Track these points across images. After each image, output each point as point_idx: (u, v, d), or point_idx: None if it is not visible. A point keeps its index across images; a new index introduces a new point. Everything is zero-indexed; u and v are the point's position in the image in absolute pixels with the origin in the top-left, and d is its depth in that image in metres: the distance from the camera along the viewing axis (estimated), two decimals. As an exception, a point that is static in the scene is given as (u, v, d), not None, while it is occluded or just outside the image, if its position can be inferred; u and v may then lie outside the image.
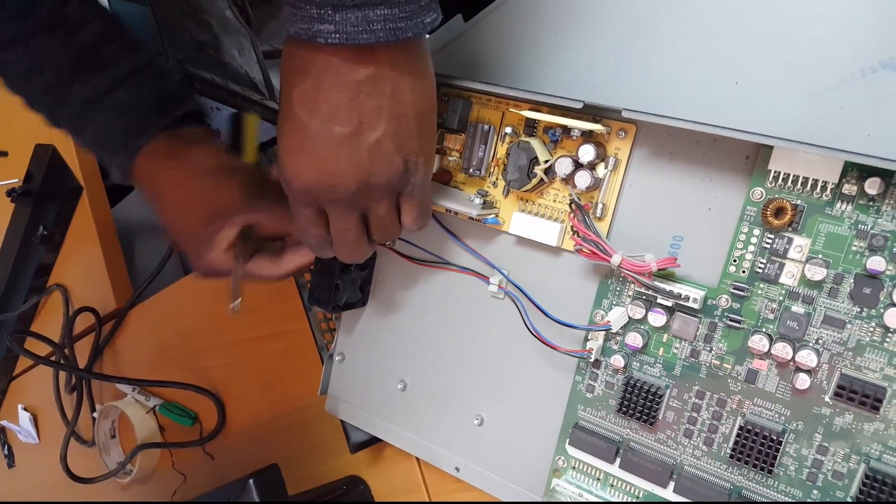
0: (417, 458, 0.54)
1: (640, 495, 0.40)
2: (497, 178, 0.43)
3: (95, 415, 0.78)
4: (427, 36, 0.36)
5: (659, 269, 0.37)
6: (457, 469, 0.48)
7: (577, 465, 0.43)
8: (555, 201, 0.42)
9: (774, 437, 0.36)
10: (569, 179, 0.40)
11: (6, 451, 0.94)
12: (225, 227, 0.44)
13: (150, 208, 0.47)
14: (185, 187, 0.44)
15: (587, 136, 0.40)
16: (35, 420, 0.90)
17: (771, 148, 0.35)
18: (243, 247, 0.45)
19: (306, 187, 0.36)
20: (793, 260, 0.35)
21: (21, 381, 0.92)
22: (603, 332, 0.41)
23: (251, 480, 0.50)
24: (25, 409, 0.91)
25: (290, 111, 0.35)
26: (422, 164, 0.37)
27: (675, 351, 0.39)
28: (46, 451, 0.89)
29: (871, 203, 0.33)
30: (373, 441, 0.55)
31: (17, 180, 0.88)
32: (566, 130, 0.40)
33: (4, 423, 0.93)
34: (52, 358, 0.79)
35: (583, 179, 0.39)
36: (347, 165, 0.35)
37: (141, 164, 0.45)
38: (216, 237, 0.44)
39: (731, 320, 0.37)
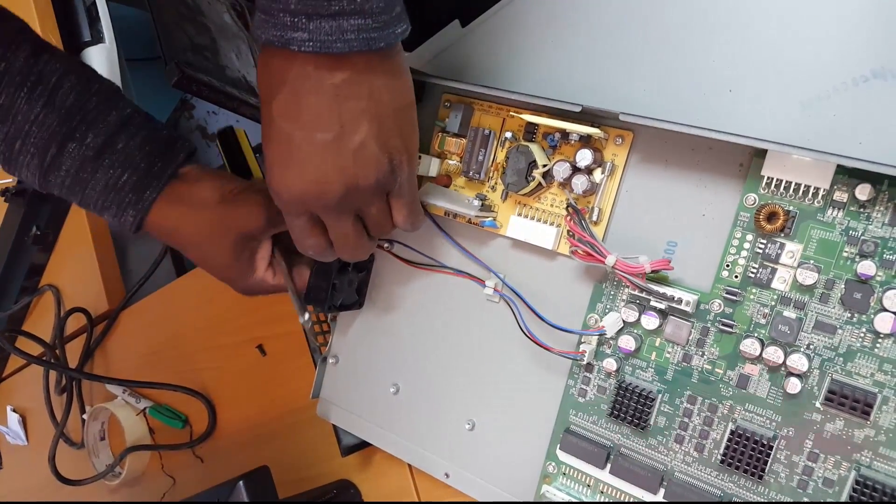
0: (408, 463, 0.54)
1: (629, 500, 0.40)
2: (496, 183, 0.43)
3: (85, 416, 0.78)
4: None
5: (653, 271, 0.37)
6: (447, 475, 0.48)
7: (567, 472, 0.42)
8: (552, 206, 0.42)
9: (765, 443, 0.36)
10: (566, 183, 0.40)
11: (-7, 453, 0.93)
12: (256, 248, 0.45)
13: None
14: (203, 225, 0.44)
15: (585, 141, 0.40)
16: (24, 421, 0.89)
17: (764, 155, 0.35)
18: (282, 258, 0.46)
19: (296, 197, 0.36)
20: (785, 265, 0.36)
21: (10, 382, 0.91)
22: (596, 336, 0.41)
23: (241, 482, 0.50)
24: (14, 410, 0.90)
25: (272, 122, 0.35)
26: (406, 162, 0.37)
27: (668, 355, 0.39)
28: (35, 452, 0.88)
29: (861, 209, 0.34)
30: (364, 445, 0.55)
31: (10, 180, 0.88)
32: (565, 135, 0.40)
33: (-8, 424, 0.92)
34: (43, 358, 0.78)
35: (580, 184, 0.40)
36: (334, 171, 0.35)
37: (154, 215, 0.44)
38: (252, 261, 0.45)
39: (724, 324, 0.37)
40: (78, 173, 0.43)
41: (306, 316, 0.48)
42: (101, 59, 0.84)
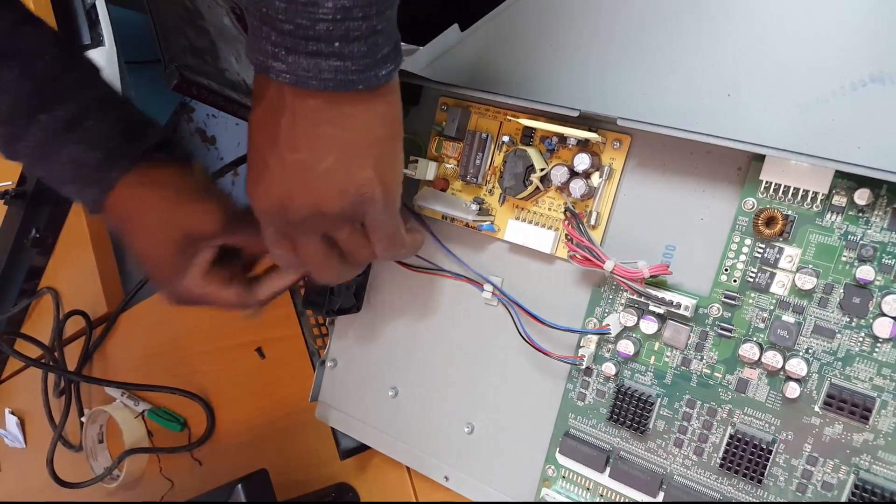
0: (407, 466, 0.54)
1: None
2: (494, 186, 0.43)
3: (83, 419, 0.78)
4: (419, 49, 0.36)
5: (651, 276, 0.37)
6: (446, 478, 0.48)
7: (566, 475, 0.42)
8: (550, 210, 0.42)
9: (764, 447, 0.36)
10: (564, 188, 0.40)
11: (-8, 456, 0.93)
12: (197, 252, 0.42)
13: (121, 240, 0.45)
14: (157, 211, 0.42)
15: (583, 146, 0.40)
16: (22, 424, 0.89)
17: (762, 159, 0.35)
18: (222, 271, 0.43)
19: (263, 209, 0.36)
20: (783, 269, 0.36)
21: (9, 384, 0.91)
22: (595, 339, 0.41)
23: (239, 485, 0.50)
24: (13, 412, 0.90)
25: (251, 134, 0.36)
26: (380, 195, 0.36)
27: (667, 359, 0.39)
28: (33, 455, 0.88)
29: (860, 214, 0.34)
30: (363, 448, 0.55)
31: (10, 182, 0.88)
32: (562, 139, 0.40)
33: (-9, 427, 0.92)
34: (42, 361, 0.78)
35: (578, 188, 0.40)
36: (298, 192, 0.35)
37: (115, 195, 0.42)
38: (192, 261, 0.42)
39: (722, 329, 0.37)
40: (44, 145, 0.41)
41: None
42: (101, 62, 0.84)
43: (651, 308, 0.39)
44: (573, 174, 0.40)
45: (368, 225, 0.38)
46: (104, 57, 0.85)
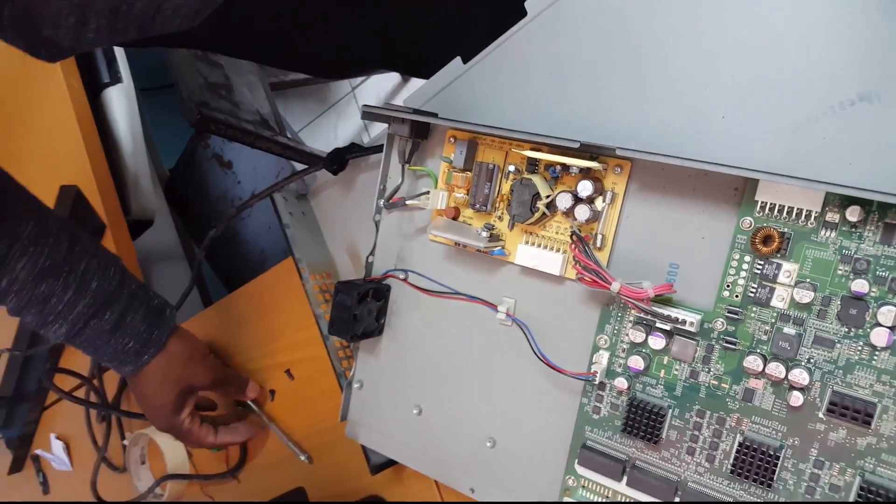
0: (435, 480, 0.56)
1: (649, 511, 0.42)
2: (502, 213, 0.46)
3: (125, 442, 0.81)
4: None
5: (656, 296, 0.39)
6: (472, 490, 0.50)
7: (586, 485, 0.45)
8: (557, 233, 0.44)
9: (772, 453, 0.38)
10: (569, 213, 0.42)
11: (41, 479, 0.97)
12: (190, 398, 0.63)
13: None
14: (167, 372, 0.60)
15: (585, 173, 0.42)
16: (68, 448, 0.93)
17: (757, 180, 0.37)
18: (198, 414, 0.65)
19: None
20: (782, 284, 0.37)
21: (53, 410, 0.95)
22: (606, 355, 0.43)
23: (278, 505, 0.52)
24: (58, 437, 0.94)
25: None
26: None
27: (676, 372, 0.41)
28: (79, 477, 0.91)
29: (853, 229, 0.35)
30: (392, 462, 0.57)
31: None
32: (565, 167, 0.42)
33: (39, 451, 0.96)
34: (83, 388, 0.82)
35: (582, 213, 0.41)
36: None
37: (145, 368, 0.60)
38: (182, 406, 0.63)
39: (727, 342, 0.39)
40: (95, 340, 0.57)
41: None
42: (121, 98, 0.88)
43: (658, 325, 0.41)
44: (577, 200, 0.42)
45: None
46: (123, 94, 0.89)
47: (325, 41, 0.67)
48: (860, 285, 0.35)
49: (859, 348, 0.36)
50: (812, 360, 0.37)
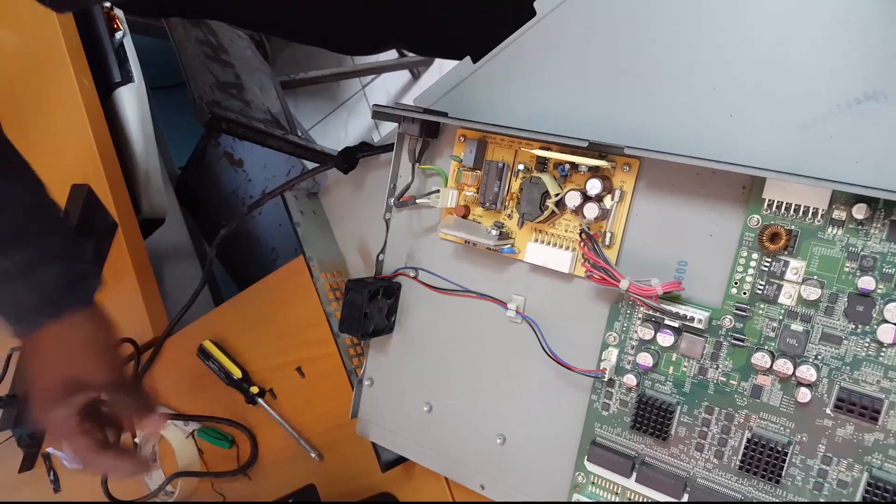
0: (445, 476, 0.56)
1: (657, 506, 0.43)
2: (512, 211, 0.46)
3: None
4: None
5: (665, 293, 0.40)
6: (482, 486, 0.51)
7: (595, 481, 0.45)
8: (566, 231, 0.44)
9: (780, 449, 0.38)
10: (578, 211, 0.43)
11: (52, 477, 0.98)
12: (78, 395, 0.49)
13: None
14: (56, 349, 0.50)
15: (594, 171, 0.42)
16: (79, 446, 0.94)
17: (764, 178, 0.37)
18: (86, 422, 0.51)
19: None
20: (790, 281, 0.38)
21: (64, 408, 0.96)
22: (616, 352, 0.43)
23: (290, 500, 0.53)
24: (69, 435, 0.95)
25: None
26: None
27: (684, 369, 0.41)
28: (90, 475, 0.92)
29: (859, 227, 0.35)
30: (403, 459, 0.58)
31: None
32: (574, 166, 0.43)
33: (50, 450, 0.97)
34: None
35: (591, 211, 0.42)
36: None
37: (40, 334, 0.50)
38: (66, 399, 0.49)
39: (735, 339, 0.39)
40: None
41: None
42: (132, 97, 0.89)
43: (667, 322, 0.41)
44: (586, 198, 0.42)
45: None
46: (134, 93, 0.89)
47: (346, 8, 0.64)
48: (867, 282, 0.35)
49: (866, 345, 0.36)
50: (819, 357, 0.37)
